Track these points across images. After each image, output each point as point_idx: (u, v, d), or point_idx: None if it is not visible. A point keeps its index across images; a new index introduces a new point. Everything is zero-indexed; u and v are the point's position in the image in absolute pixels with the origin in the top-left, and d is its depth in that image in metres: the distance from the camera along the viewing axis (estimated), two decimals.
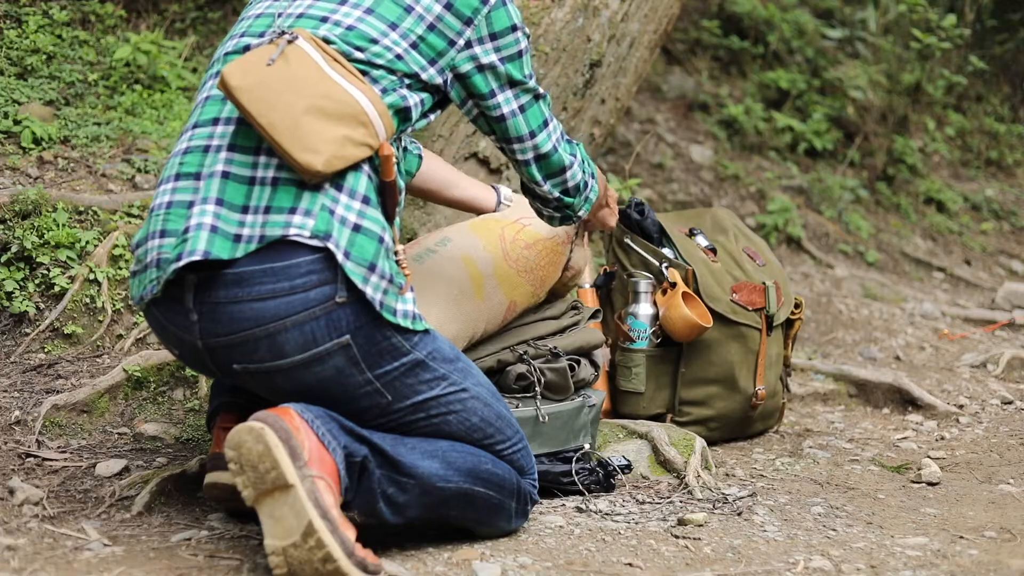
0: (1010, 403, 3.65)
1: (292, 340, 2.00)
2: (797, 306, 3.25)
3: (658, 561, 2.23)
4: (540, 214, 2.48)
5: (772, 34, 6.22)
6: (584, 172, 2.42)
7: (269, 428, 1.94)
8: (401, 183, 2.17)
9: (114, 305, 2.96)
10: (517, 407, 2.53)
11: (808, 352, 4.08)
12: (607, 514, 2.46)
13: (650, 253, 3.06)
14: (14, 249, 2.95)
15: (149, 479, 2.39)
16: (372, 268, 2.02)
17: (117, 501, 2.34)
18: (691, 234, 3.18)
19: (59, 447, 2.59)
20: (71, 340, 2.89)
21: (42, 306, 2.93)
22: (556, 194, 2.38)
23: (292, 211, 2.00)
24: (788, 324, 3.24)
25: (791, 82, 6.01)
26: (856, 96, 6.12)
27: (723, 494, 2.64)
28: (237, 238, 2.00)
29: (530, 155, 2.32)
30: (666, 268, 3.02)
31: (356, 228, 2.02)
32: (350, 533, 1.96)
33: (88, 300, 2.94)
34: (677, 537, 2.35)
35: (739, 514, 2.52)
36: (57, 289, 2.93)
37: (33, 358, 2.85)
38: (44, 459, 2.51)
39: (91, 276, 2.95)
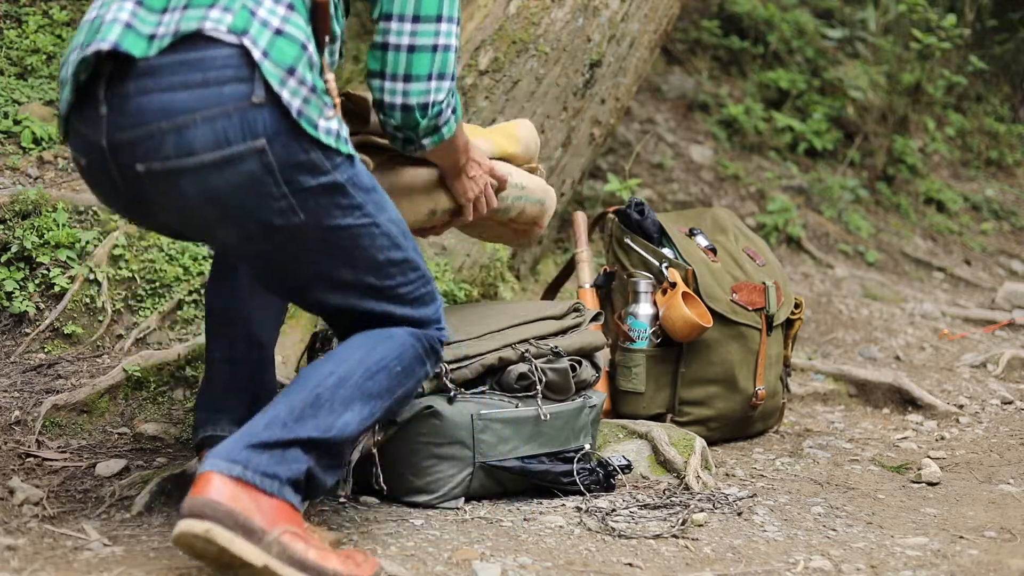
0: (1010, 403, 3.65)
1: (201, 136, 1.89)
2: (797, 306, 3.25)
3: (658, 561, 2.23)
4: (386, 127, 2.25)
5: (772, 34, 6.22)
6: (455, 105, 2.24)
7: (215, 524, 1.84)
8: (337, 29, 2.10)
9: (114, 305, 2.96)
10: (518, 407, 2.53)
11: (808, 352, 4.08)
12: (607, 514, 2.46)
13: (650, 253, 3.06)
14: (14, 249, 2.95)
15: (149, 479, 2.39)
16: (291, 72, 1.92)
17: (117, 501, 2.34)
18: (691, 234, 3.17)
19: (59, 447, 2.59)
20: (71, 340, 2.89)
21: (42, 306, 2.93)
22: (417, 101, 2.17)
23: (211, 7, 1.92)
24: (788, 324, 3.24)
25: (791, 82, 6.01)
26: (856, 96, 6.12)
27: (723, 494, 2.64)
28: (151, 37, 1.92)
29: (448, 40, 2.15)
30: (666, 268, 3.02)
31: (278, 32, 1.93)
32: (335, 560, 1.92)
33: (88, 300, 2.94)
34: (677, 537, 2.35)
35: (739, 514, 2.52)
36: (57, 289, 2.93)
37: (33, 358, 2.85)
38: (44, 459, 2.51)
39: (91, 276, 2.95)
